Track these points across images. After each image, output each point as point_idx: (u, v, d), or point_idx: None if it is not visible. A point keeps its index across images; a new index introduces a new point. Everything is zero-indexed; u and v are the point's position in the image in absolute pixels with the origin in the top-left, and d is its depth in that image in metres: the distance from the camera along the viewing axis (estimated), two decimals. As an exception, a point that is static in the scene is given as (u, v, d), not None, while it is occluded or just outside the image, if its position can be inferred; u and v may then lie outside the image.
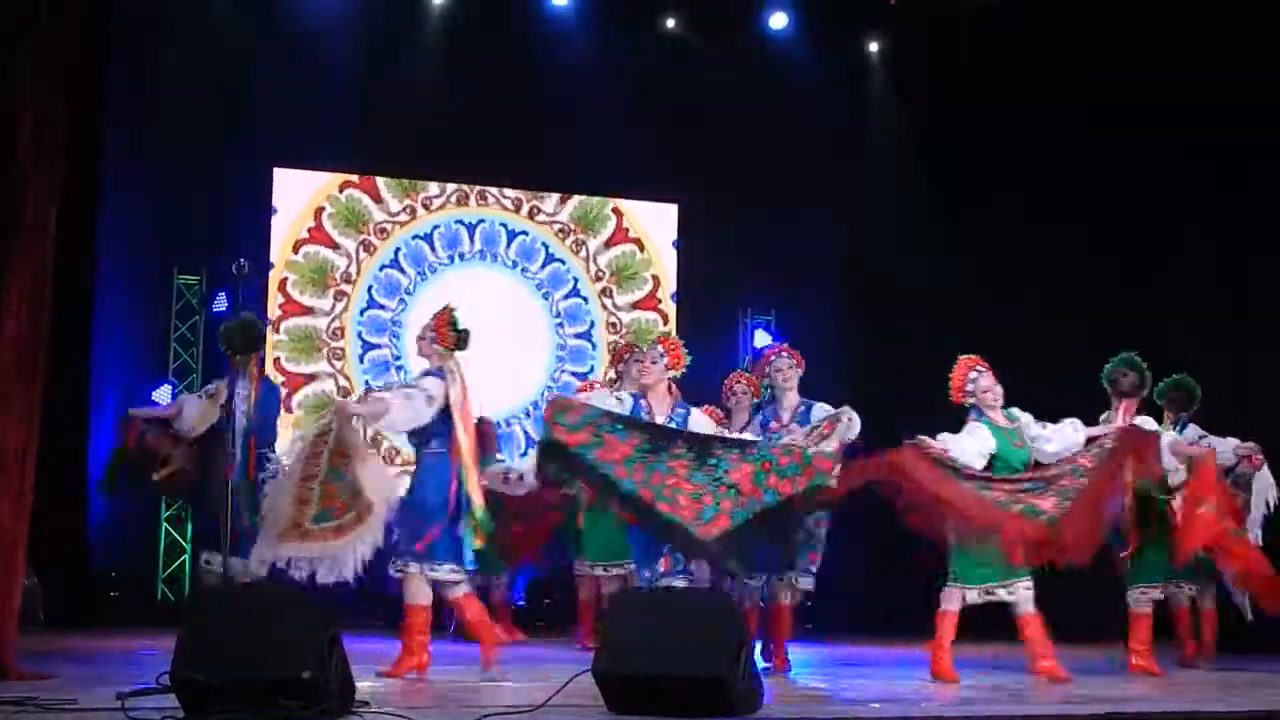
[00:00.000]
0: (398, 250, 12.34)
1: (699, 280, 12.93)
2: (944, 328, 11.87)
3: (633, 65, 12.60)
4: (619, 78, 12.43)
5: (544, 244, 12.77)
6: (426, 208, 12.48)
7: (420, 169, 12.47)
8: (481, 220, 12.63)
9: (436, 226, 12.49)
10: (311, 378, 11.93)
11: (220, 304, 11.08)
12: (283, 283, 11.97)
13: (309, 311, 12.05)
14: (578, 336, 12.78)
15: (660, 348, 6.88)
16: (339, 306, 12.11)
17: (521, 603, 11.54)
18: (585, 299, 12.85)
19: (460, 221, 12.58)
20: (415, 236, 12.40)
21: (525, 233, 12.71)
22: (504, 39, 12.34)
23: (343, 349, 12.09)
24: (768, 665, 7.06)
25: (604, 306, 12.88)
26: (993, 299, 11.79)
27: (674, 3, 12.82)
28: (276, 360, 11.77)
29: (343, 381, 11.97)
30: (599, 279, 12.88)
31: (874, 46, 13.43)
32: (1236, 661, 7.99)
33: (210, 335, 11.29)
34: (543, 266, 12.75)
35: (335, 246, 12.15)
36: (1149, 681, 6.95)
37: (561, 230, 12.82)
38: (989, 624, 7.31)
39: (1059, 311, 11.51)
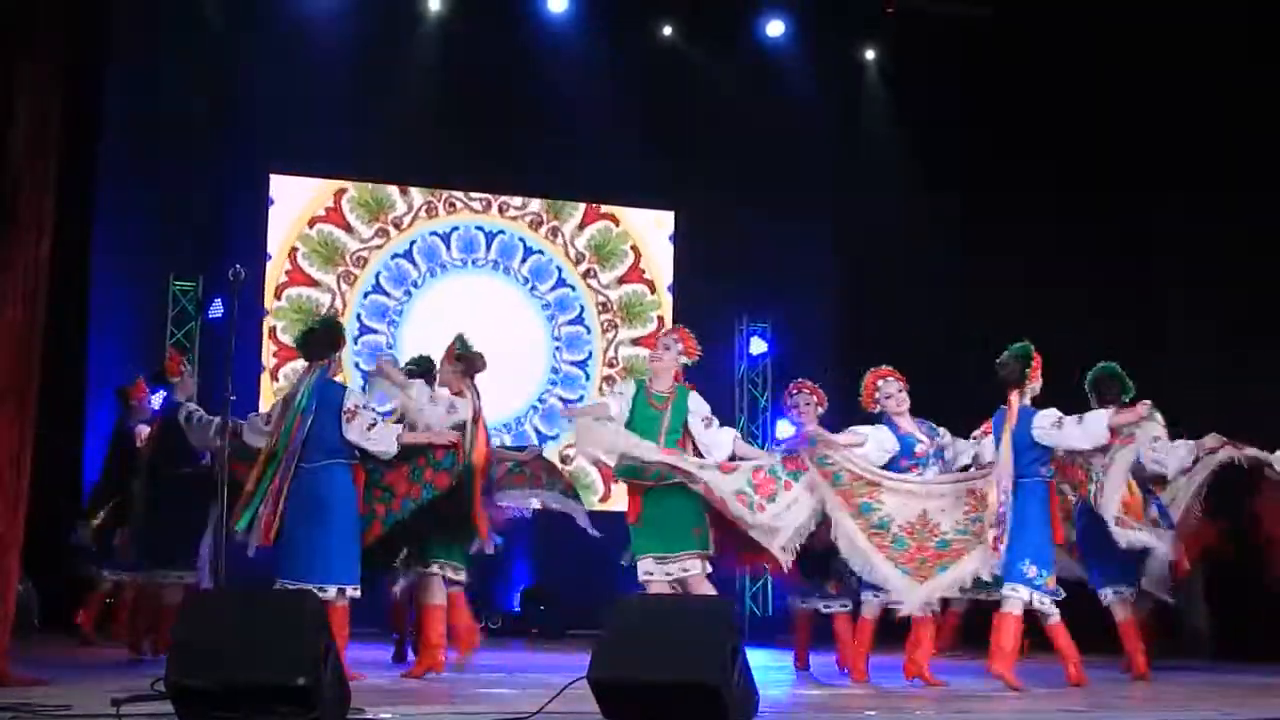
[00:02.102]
0: (390, 260, 12.35)
1: (696, 287, 12.93)
2: (943, 334, 11.90)
3: (630, 73, 12.62)
4: (616, 85, 12.46)
5: (540, 251, 12.79)
6: (429, 213, 12.49)
7: (417, 176, 12.50)
8: (455, 227, 12.66)
9: (437, 233, 12.51)
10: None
11: (216, 310, 11.08)
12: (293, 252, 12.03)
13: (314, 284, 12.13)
14: (571, 323, 12.85)
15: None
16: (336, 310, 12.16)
17: (517, 610, 11.55)
18: (572, 287, 12.85)
19: (456, 228, 12.60)
20: (399, 253, 12.42)
21: (502, 231, 12.75)
22: (501, 46, 12.36)
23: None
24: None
25: (589, 286, 12.91)
26: (992, 305, 11.79)
27: (671, 10, 12.86)
28: (273, 330, 11.88)
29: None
30: (579, 261, 12.90)
31: (870, 54, 13.46)
32: (1233, 668, 7.99)
33: (206, 341, 11.31)
34: (523, 260, 12.78)
35: (315, 284, 12.18)
36: (1144, 688, 6.94)
37: (534, 221, 12.84)
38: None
39: (1059, 315, 11.51)
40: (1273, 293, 10.13)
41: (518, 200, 12.77)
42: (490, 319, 12.21)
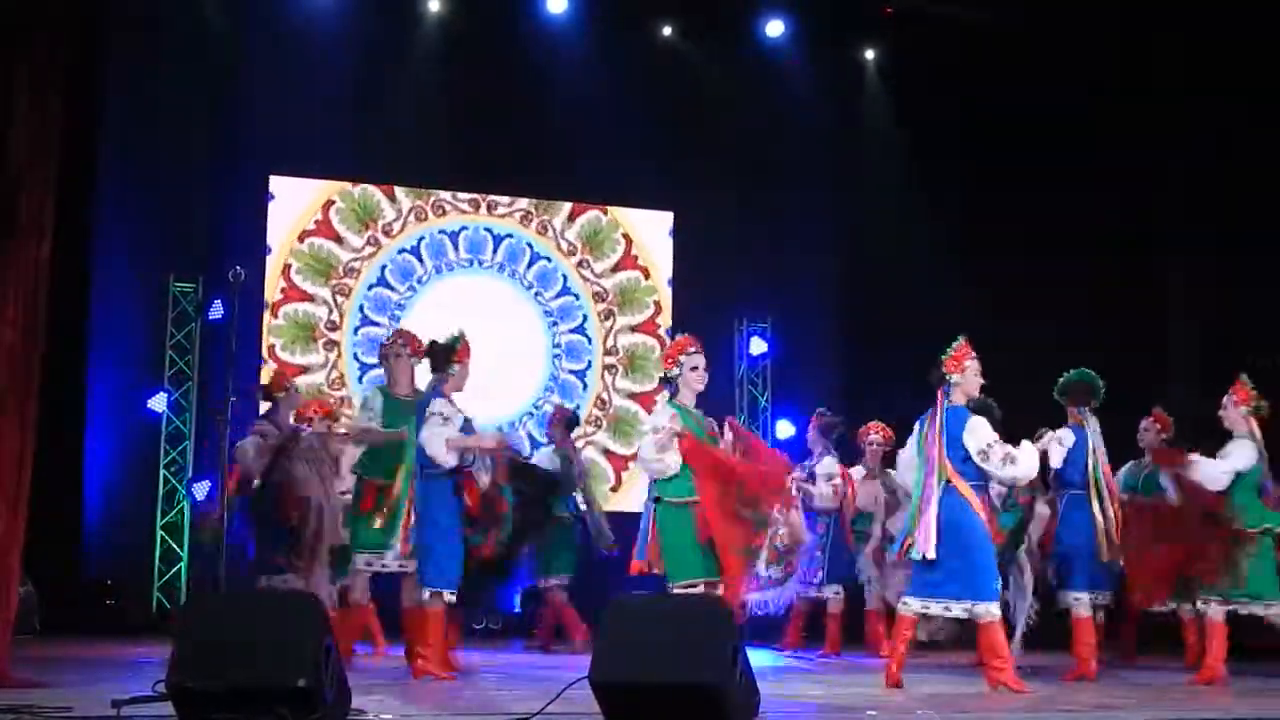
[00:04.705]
0: (384, 267, 12.33)
1: (695, 287, 12.92)
2: (941, 334, 11.87)
3: (629, 73, 12.60)
4: (616, 86, 12.43)
5: (529, 243, 12.76)
6: (388, 234, 12.46)
7: (416, 177, 12.48)
8: (464, 227, 12.64)
9: (422, 238, 12.48)
10: (304, 369, 11.96)
11: (216, 311, 11.06)
12: (283, 274, 12.00)
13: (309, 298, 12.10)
14: (572, 332, 12.82)
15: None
16: (334, 317, 12.13)
17: (517, 611, 11.54)
18: (567, 276, 12.86)
19: (445, 230, 12.61)
20: (401, 250, 12.40)
21: (511, 235, 12.75)
22: (501, 47, 12.34)
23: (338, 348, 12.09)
24: None
25: (584, 277, 12.91)
26: (991, 305, 11.80)
27: (671, 11, 12.84)
28: (271, 347, 11.84)
29: (333, 373, 11.97)
30: (571, 253, 12.89)
31: (870, 54, 13.45)
32: (1234, 667, 7.99)
33: (206, 342, 11.30)
34: (529, 266, 12.75)
35: (340, 240, 12.16)
36: (1149, 688, 6.94)
37: (540, 225, 12.84)
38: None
39: (1059, 315, 11.53)
40: (1273, 292, 10.14)
41: (505, 199, 12.72)
42: (489, 319, 12.24)
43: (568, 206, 12.86)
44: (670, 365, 6.68)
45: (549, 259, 12.75)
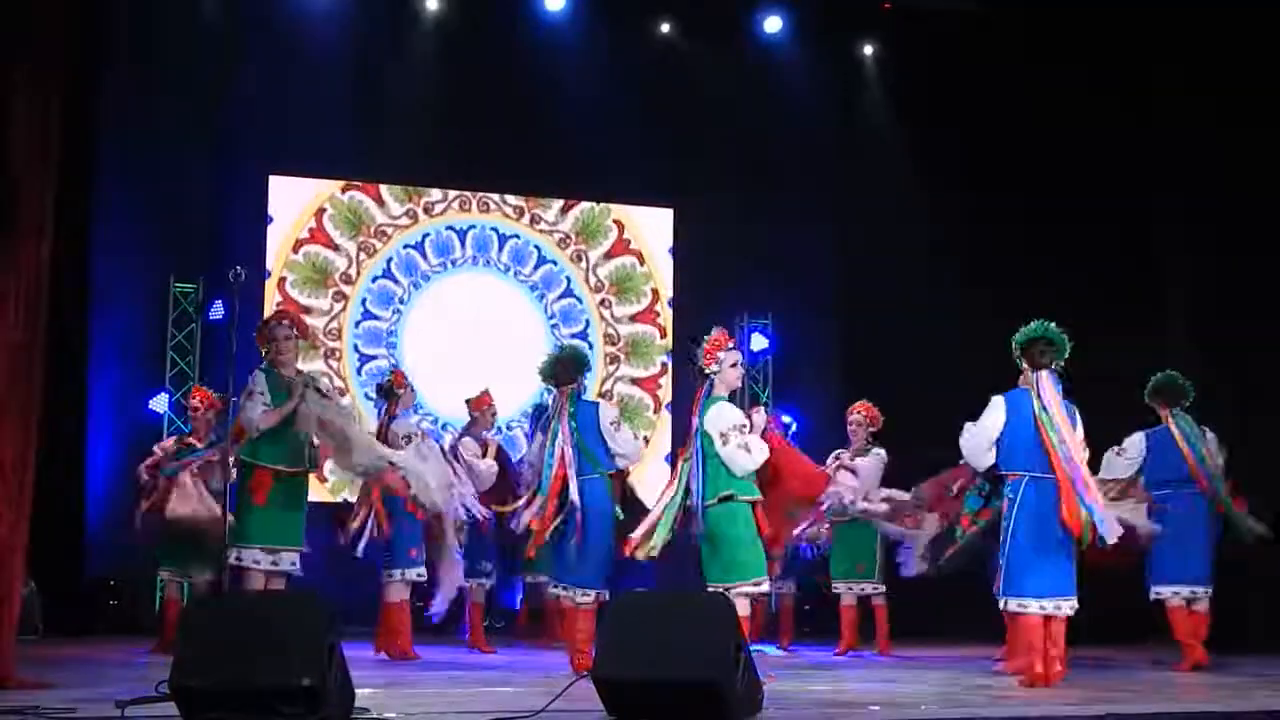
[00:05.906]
0: (390, 260, 12.33)
1: (695, 284, 12.94)
2: (940, 331, 11.90)
3: (628, 70, 12.62)
4: (614, 83, 12.45)
5: (537, 247, 12.77)
6: (428, 212, 12.48)
7: (416, 176, 12.50)
8: (472, 226, 12.64)
9: (427, 235, 12.49)
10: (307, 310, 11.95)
11: (217, 312, 11.08)
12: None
13: (306, 312, 12.00)
14: (574, 337, 12.82)
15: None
16: (337, 307, 12.12)
17: (519, 609, 11.54)
18: (579, 300, 12.86)
19: (452, 228, 12.59)
20: (406, 245, 12.40)
21: (517, 236, 12.73)
22: (499, 45, 12.36)
23: (339, 349, 12.07)
24: None
25: (601, 316, 12.93)
26: (990, 303, 11.79)
27: (669, 7, 12.85)
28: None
29: (338, 382, 11.94)
30: (598, 290, 12.92)
31: (868, 50, 13.46)
32: (1234, 662, 8.00)
33: (207, 343, 11.30)
34: (535, 269, 12.77)
35: (336, 248, 12.16)
36: (1147, 682, 6.95)
37: (563, 240, 12.84)
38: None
39: (1059, 315, 11.51)
40: (1273, 292, 10.14)
41: (550, 206, 12.81)
42: (483, 313, 12.29)
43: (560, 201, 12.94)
44: (710, 362, 6.79)
45: (517, 236, 12.74)
